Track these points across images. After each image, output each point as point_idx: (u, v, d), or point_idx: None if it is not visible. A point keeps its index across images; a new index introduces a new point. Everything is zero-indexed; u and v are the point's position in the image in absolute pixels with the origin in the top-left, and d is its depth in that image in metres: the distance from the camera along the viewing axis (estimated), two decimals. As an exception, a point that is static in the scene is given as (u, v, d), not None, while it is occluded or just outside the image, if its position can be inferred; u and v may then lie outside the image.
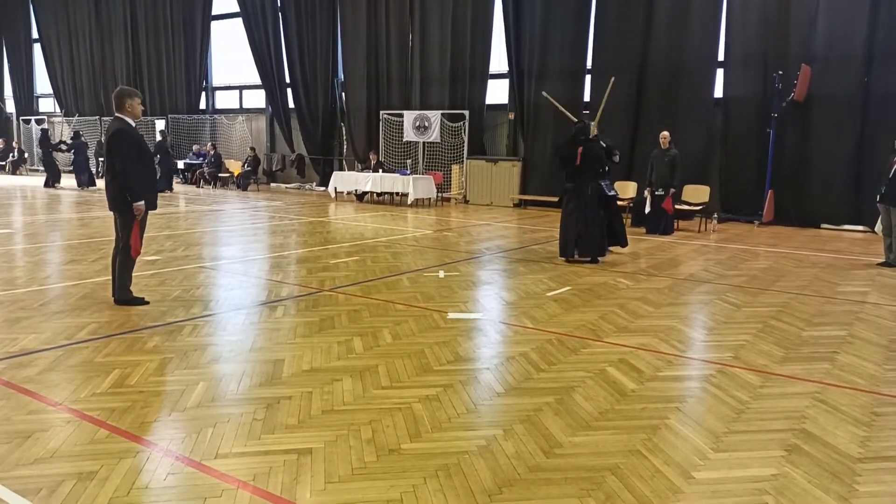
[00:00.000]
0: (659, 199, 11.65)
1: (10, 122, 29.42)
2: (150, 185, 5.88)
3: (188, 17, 22.61)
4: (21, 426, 3.44)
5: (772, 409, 3.90)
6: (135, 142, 5.70)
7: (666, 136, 11.75)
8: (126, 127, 5.68)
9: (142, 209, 5.69)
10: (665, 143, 11.70)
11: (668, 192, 11.57)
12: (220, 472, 3.02)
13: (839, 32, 12.86)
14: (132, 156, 5.63)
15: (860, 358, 4.91)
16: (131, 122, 5.74)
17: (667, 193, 11.58)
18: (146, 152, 5.94)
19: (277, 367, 4.43)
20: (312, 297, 6.47)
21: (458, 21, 17.25)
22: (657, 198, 11.69)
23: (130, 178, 5.60)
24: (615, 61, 15.14)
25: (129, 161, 5.60)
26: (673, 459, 3.24)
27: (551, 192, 15.08)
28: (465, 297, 6.60)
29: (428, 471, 3.08)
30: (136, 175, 5.64)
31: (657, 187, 11.68)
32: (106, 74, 25.25)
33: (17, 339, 4.89)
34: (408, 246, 9.84)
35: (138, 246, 5.79)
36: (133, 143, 5.67)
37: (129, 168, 5.59)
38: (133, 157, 5.64)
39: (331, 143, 20.60)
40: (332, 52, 19.79)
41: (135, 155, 5.67)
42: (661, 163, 11.63)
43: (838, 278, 8.07)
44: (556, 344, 5.09)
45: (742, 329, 5.64)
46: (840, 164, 13.09)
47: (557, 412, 3.78)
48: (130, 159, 5.62)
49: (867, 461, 3.27)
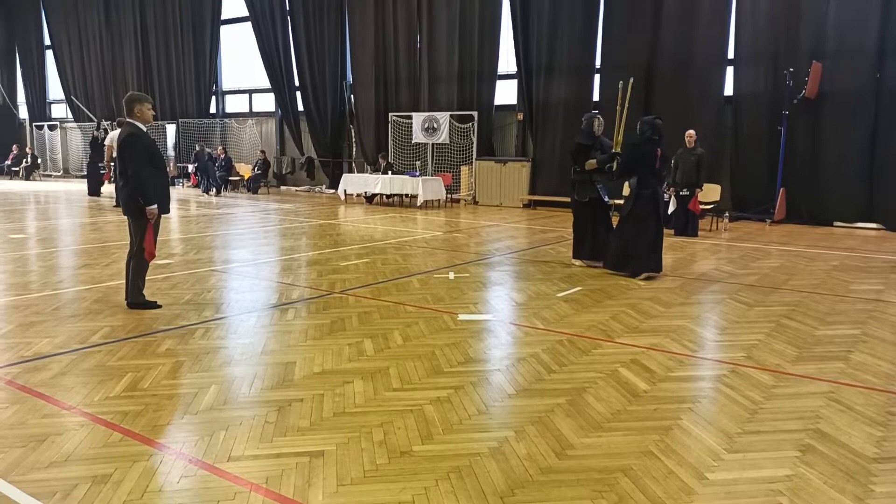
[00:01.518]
0: (684, 200, 11.27)
1: (23, 128, 29.72)
2: (162, 189, 5.88)
3: (198, 21, 22.76)
4: (35, 430, 3.47)
5: (785, 409, 3.87)
6: (146, 145, 5.73)
7: (692, 135, 11.45)
8: (136, 131, 5.72)
9: (154, 213, 5.73)
10: (691, 142, 11.40)
11: (694, 192, 11.21)
12: (232, 475, 3.03)
13: (850, 28, 12.75)
14: (144, 160, 5.67)
15: (874, 357, 4.87)
16: (142, 127, 5.78)
17: (692, 194, 11.22)
18: (158, 156, 5.93)
19: (289, 369, 4.45)
20: (323, 299, 6.48)
21: (466, 22, 17.26)
22: (682, 198, 11.29)
23: (142, 181, 5.64)
24: (624, 59, 15.11)
25: (140, 165, 5.64)
26: (686, 460, 3.22)
27: (560, 193, 15.08)
28: (475, 299, 6.60)
29: (440, 473, 3.08)
30: (148, 179, 5.67)
31: (682, 187, 11.29)
32: (116, 79, 25.46)
33: (31, 343, 4.93)
34: (417, 248, 9.85)
35: (152, 249, 5.84)
36: (144, 147, 5.71)
37: (141, 172, 5.63)
38: (145, 161, 5.68)
39: (340, 146, 20.67)
40: (340, 55, 19.86)
41: (147, 159, 5.70)
42: (687, 162, 11.28)
43: (851, 276, 8.00)
44: (567, 345, 5.08)
45: (754, 328, 5.60)
46: (852, 161, 12.98)
47: (569, 413, 3.77)
48: (142, 163, 5.65)
49: (883, 461, 3.23)
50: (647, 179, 7.51)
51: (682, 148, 11.50)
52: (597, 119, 8.24)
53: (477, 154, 17.29)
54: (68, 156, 28.26)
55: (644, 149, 7.54)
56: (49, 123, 28.69)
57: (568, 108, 15.98)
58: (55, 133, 28.42)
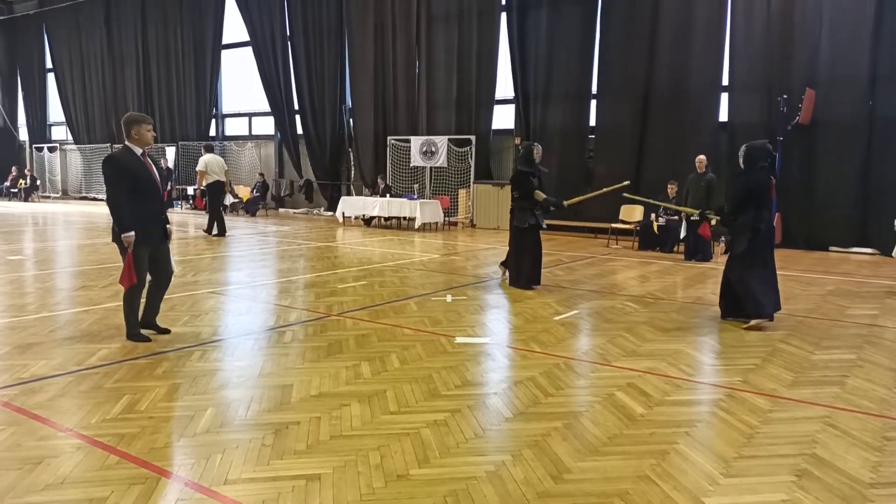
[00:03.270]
0: (694, 225, 11.08)
1: (23, 150, 29.86)
2: (144, 217, 5.46)
3: (199, 45, 23.02)
4: (31, 452, 3.46)
5: (782, 433, 3.87)
6: (128, 171, 5.37)
7: (702, 161, 11.42)
8: (120, 155, 5.43)
9: (130, 241, 5.34)
10: (701, 167, 11.34)
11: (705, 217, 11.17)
12: (229, 498, 3.03)
13: (843, 56, 12.95)
14: (123, 185, 5.34)
15: (870, 382, 4.88)
16: (136, 151, 5.45)
17: (703, 218, 11.20)
18: (145, 182, 5.48)
19: (286, 392, 4.45)
20: (320, 321, 6.49)
21: (464, 47, 17.49)
22: (692, 223, 11.16)
23: (119, 207, 5.33)
24: (620, 86, 15.34)
25: (116, 189, 5.33)
26: (682, 485, 3.22)
27: (555, 216, 15.11)
28: (472, 322, 6.61)
29: (436, 497, 3.07)
30: (123, 205, 5.33)
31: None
32: (117, 102, 25.65)
33: (27, 365, 4.93)
34: (415, 270, 9.87)
35: (126, 279, 5.41)
36: (125, 173, 5.36)
37: (117, 198, 5.33)
38: (124, 187, 5.34)
39: (339, 169, 20.79)
40: (339, 79, 20.06)
41: (125, 184, 5.35)
42: (697, 187, 11.20)
43: (847, 301, 8.03)
44: (563, 368, 5.09)
45: (751, 353, 5.62)
46: (847, 187, 13.10)
47: (566, 437, 3.77)
48: (118, 188, 5.33)
49: (879, 486, 3.24)
50: (762, 213, 6.59)
51: (692, 174, 11.48)
52: (535, 147, 8.53)
53: (475, 178, 17.41)
54: (67, 177, 28.36)
55: (755, 177, 6.57)
56: (49, 145, 28.83)
57: (565, 133, 16.15)
58: (55, 155, 28.55)
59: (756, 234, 6.56)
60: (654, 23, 14.86)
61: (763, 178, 6.59)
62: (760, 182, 6.57)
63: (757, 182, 6.57)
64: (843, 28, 12.95)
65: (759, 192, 6.57)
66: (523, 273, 8.42)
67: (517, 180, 8.45)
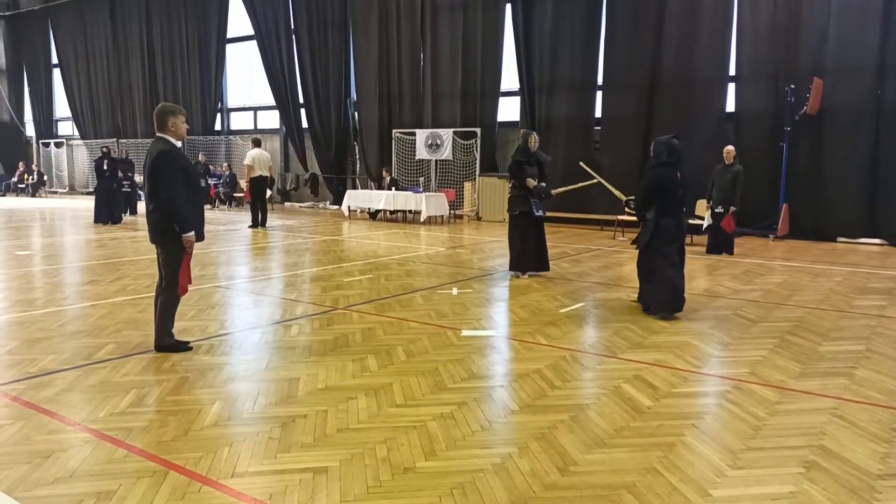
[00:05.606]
0: (718, 218, 10.94)
1: (29, 146, 29.98)
2: (197, 214, 5.18)
3: (203, 39, 23.04)
4: (41, 446, 3.48)
5: (789, 425, 3.86)
6: (181, 165, 5.04)
7: (730, 151, 11.10)
8: (170, 148, 4.99)
9: (192, 241, 5.03)
10: (729, 159, 11.01)
11: (728, 209, 10.85)
12: (236, 491, 3.04)
13: (850, 44, 12.82)
14: (178, 181, 4.95)
15: (878, 373, 4.86)
16: (176, 143, 5.07)
17: (726, 211, 10.87)
18: (192, 176, 5.27)
19: (293, 385, 4.46)
20: (327, 315, 6.50)
21: (469, 39, 17.42)
22: (717, 216, 10.98)
23: (179, 206, 4.91)
24: (625, 76, 15.25)
25: (175, 187, 4.91)
26: (689, 477, 3.21)
27: (562, 209, 15.11)
28: (478, 315, 6.61)
29: (443, 489, 3.08)
30: (184, 203, 4.95)
31: (717, 204, 10.95)
32: (123, 97, 25.75)
33: (36, 359, 4.95)
34: (421, 263, 9.87)
35: (186, 283, 5.15)
36: (179, 167, 5.00)
37: (177, 195, 4.91)
38: (180, 182, 4.95)
39: (344, 162, 20.79)
40: (344, 72, 20.05)
41: (181, 180, 4.97)
42: (723, 179, 10.93)
43: (855, 292, 7.99)
44: (570, 361, 5.08)
45: (758, 344, 5.60)
46: (854, 177, 13.00)
47: (572, 429, 3.77)
48: (176, 185, 4.92)
49: (887, 478, 3.23)
50: (669, 207, 6.50)
51: (719, 164, 11.22)
52: (532, 136, 8.65)
53: (480, 170, 17.37)
54: (74, 173, 28.47)
55: (657, 172, 6.51)
56: (55, 141, 28.94)
57: (570, 124, 16.09)
58: (61, 150, 28.66)
59: (658, 228, 6.49)
60: (660, 12, 14.75)
61: (666, 174, 6.48)
62: (662, 177, 6.47)
63: (658, 177, 6.48)
64: (851, 15, 12.81)
65: (661, 188, 6.47)
66: (513, 258, 8.78)
67: (511, 169, 8.74)
